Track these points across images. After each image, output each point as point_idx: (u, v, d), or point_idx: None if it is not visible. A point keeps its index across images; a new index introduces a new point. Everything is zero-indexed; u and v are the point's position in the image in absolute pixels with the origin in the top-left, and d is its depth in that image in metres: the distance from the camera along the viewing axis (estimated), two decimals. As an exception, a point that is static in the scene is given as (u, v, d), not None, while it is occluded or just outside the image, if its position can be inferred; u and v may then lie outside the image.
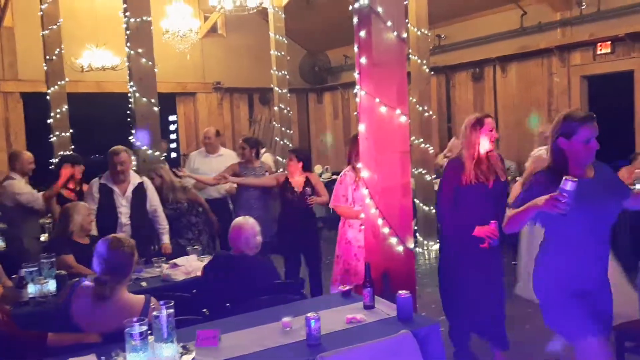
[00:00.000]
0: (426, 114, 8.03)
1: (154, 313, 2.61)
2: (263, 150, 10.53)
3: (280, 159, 10.82)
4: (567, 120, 2.77)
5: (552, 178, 2.65)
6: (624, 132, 8.20)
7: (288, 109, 10.74)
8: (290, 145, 10.73)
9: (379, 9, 3.42)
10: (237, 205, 6.19)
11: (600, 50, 8.66)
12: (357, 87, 3.53)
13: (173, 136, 13.17)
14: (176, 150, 12.87)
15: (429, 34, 8.37)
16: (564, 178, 2.46)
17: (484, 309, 3.86)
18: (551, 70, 9.35)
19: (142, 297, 3.09)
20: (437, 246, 8.27)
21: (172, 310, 2.63)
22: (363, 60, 3.46)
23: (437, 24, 9.83)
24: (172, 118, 13.09)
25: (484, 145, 3.73)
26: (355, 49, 3.51)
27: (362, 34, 3.45)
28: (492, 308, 3.87)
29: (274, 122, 11.26)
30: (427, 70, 8.07)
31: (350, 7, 3.53)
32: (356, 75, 3.53)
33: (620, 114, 8.49)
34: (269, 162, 10.29)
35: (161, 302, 2.65)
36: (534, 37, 9.43)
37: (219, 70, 12.73)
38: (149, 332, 2.58)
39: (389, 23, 3.43)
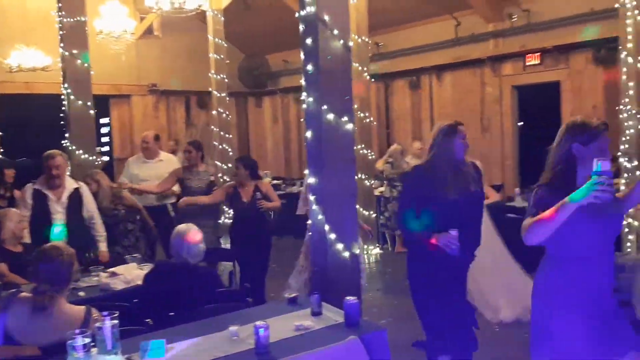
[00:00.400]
0: (366, 120, 8.15)
1: (97, 324, 2.53)
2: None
3: (219, 163, 10.71)
4: (586, 127, 2.55)
5: (555, 191, 2.43)
6: (552, 141, 8.57)
7: (227, 113, 10.64)
8: (230, 150, 10.64)
9: (326, 17, 3.45)
10: (181, 212, 6.02)
11: (530, 61, 9.07)
12: (304, 94, 3.54)
13: (105, 139, 12.78)
14: (109, 154, 12.49)
15: (369, 42, 8.52)
16: (595, 160, 2.20)
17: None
18: (484, 80, 9.70)
19: (82, 307, 2.98)
20: (376, 250, 8.41)
21: (116, 321, 2.56)
22: (309, 67, 3.48)
23: (375, 32, 9.99)
24: (104, 121, 12.69)
25: (459, 152, 3.54)
26: (302, 56, 3.52)
27: (309, 41, 3.47)
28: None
29: (212, 126, 11.12)
30: (368, 77, 8.19)
31: (297, 14, 3.54)
32: (302, 82, 3.55)
33: (548, 122, 8.89)
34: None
35: (105, 313, 2.56)
36: (468, 47, 9.75)
37: (154, 72, 12.47)
38: (92, 343, 2.49)
39: (335, 31, 3.47)
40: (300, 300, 3.45)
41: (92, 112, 6.18)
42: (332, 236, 3.51)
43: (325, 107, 3.46)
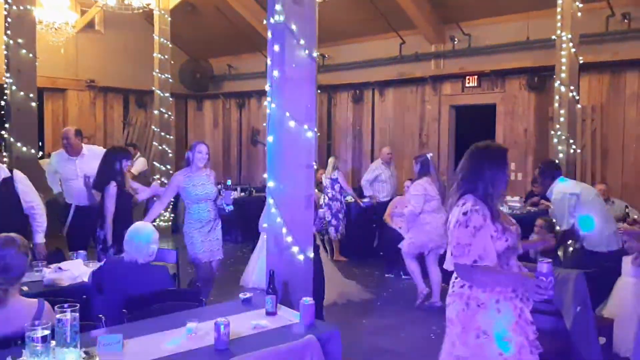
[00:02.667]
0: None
1: (58, 316, 2.50)
2: (137, 155, 10.25)
3: (156, 164, 10.56)
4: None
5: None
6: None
7: (169, 113, 10.53)
8: (169, 151, 10.52)
9: (293, 27, 3.55)
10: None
11: (469, 83, 9.52)
12: (268, 99, 3.62)
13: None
14: (40, 149, 12.01)
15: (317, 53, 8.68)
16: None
17: None
18: (424, 98, 10.08)
19: (34, 300, 2.92)
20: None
21: (77, 314, 2.54)
22: (275, 73, 3.57)
23: (323, 44, 10.17)
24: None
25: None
26: (268, 62, 3.61)
27: (276, 48, 3.56)
28: None
29: (153, 126, 10.96)
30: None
31: (265, 21, 3.63)
32: (267, 87, 3.63)
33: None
34: (143, 167, 10.01)
35: (65, 305, 2.54)
36: (411, 65, 10.11)
37: (94, 67, 12.15)
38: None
39: (302, 41, 3.58)
40: (255, 300, 3.51)
41: (34, 104, 5.99)
42: (289, 239, 3.59)
43: (287, 114, 3.55)
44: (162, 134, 10.45)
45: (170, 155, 10.54)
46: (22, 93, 5.81)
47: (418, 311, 5.97)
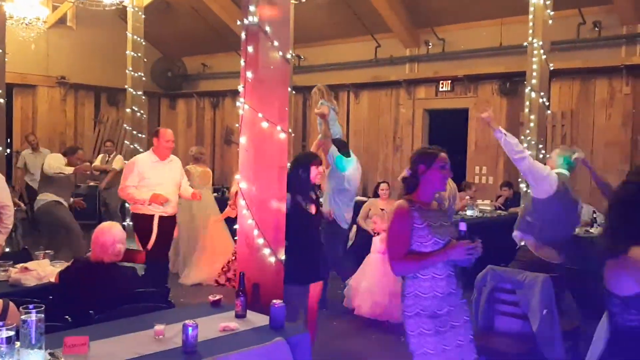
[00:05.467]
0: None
1: (22, 317, 2.45)
2: (113, 154, 10.15)
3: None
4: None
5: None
6: (458, 163, 9.11)
7: (142, 112, 10.40)
8: (141, 150, 10.38)
9: (267, 28, 3.54)
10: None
11: (442, 87, 9.61)
12: (241, 99, 3.61)
13: (5, 130, 12.05)
14: (8, 146, 11.76)
15: (292, 54, 8.67)
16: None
17: None
18: (399, 102, 10.15)
19: (-1, 301, 2.86)
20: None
21: (42, 315, 2.49)
22: (249, 74, 3.55)
23: (299, 45, 10.17)
24: (5, 110, 11.98)
25: None
26: (242, 63, 3.59)
27: (250, 49, 3.55)
28: None
29: (125, 125, 10.81)
30: (289, 89, 8.30)
31: (239, 22, 3.61)
32: (240, 88, 3.61)
33: (456, 146, 9.43)
34: (123, 164, 9.91)
35: (30, 306, 2.49)
36: (386, 69, 10.17)
37: (65, 64, 11.97)
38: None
39: (276, 43, 3.57)
40: (224, 303, 3.49)
41: (1, 100, 5.87)
42: (260, 241, 3.58)
43: (260, 115, 3.54)
44: (134, 132, 10.30)
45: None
46: (-11, 89, 5.70)
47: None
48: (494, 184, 9.02)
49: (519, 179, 6.51)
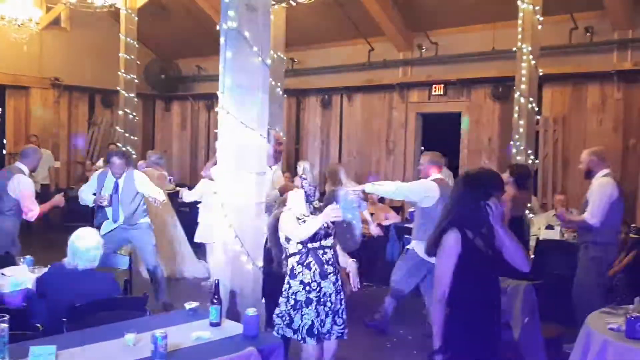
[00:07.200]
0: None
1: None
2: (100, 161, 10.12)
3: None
4: None
5: None
6: (451, 167, 9.07)
7: (134, 114, 10.38)
8: (134, 152, 10.35)
9: (246, 34, 3.51)
10: None
11: (435, 91, 9.57)
12: (220, 105, 3.57)
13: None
14: (1, 147, 11.76)
15: (284, 57, 8.64)
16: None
17: None
18: (392, 105, 10.11)
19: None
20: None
21: (5, 325, 2.46)
22: (228, 80, 3.52)
23: (292, 48, 10.15)
24: (-3, 111, 11.97)
25: None
26: (220, 69, 3.56)
27: (229, 55, 3.52)
28: None
29: (117, 127, 10.79)
30: (281, 92, 8.30)
31: (218, 27, 3.58)
32: (219, 94, 3.58)
33: (449, 150, 9.39)
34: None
35: (-6, 316, 2.46)
36: (379, 72, 10.13)
37: (58, 65, 11.91)
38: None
39: (255, 48, 3.54)
40: (201, 310, 3.45)
41: (-12, 102, 5.84)
42: (237, 247, 3.54)
43: (240, 120, 3.51)
44: (127, 134, 10.29)
45: (135, 156, 10.38)
46: (-26, 91, 5.66)
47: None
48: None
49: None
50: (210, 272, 5.85)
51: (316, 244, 3.51)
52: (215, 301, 3.25)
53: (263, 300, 3.80)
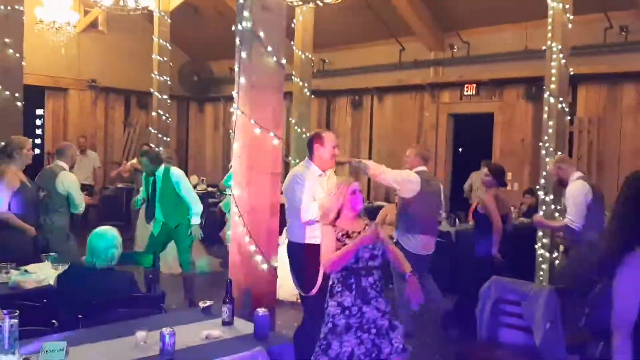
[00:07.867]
0: (304, 135, 8.24)
1: (-4, 323, 2.47)
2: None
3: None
4: None
5: None
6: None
7: (167, 115, 10.52)
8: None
9: (261, 34, 3.52)
10: None
11: (467, 91, 9.42)
12: (235, 105, 3.59)
13: (39, 132, 12.40)
14: (40, 147, 12.11)
15: (313, 58, 8.63)
16: None
17: None
18: (423, 106, 10.00)
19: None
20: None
21: (16, 321, 2.51)
22: (242, 80, 3.54)
23: (322, 49, 10.15)
24: (39, 112, 12.33)
25: None
26: (236, 69, 3.57)
27: (244, 55, 3.53)
28: None
29: (150, 128, 10.96)
30: (308, 93, 8.29)
31: (233, 28, 3.59)
32: (234, 94, 3.59)
33: (482, 151, 9.25)
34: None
35: (5, 312, 2.51)
36: (410, 72, 10.03)
37: (95, 67, 12.20)
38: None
39: (269, 48, 3.54)
40: (214, 309, 3.47)
41: (19, 104, 6.00)
42: (252, 247, 3.55)
43: (253, 121, 3.52)
44: (160, 135, 10.43)
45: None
46: (7, 93, 5.82)
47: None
48: (519, 190, 8.79)
49: (537, 186, 6.32)
50: None
51: (360, 265, 3.23)
52: (227, 300, 3.26)
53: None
